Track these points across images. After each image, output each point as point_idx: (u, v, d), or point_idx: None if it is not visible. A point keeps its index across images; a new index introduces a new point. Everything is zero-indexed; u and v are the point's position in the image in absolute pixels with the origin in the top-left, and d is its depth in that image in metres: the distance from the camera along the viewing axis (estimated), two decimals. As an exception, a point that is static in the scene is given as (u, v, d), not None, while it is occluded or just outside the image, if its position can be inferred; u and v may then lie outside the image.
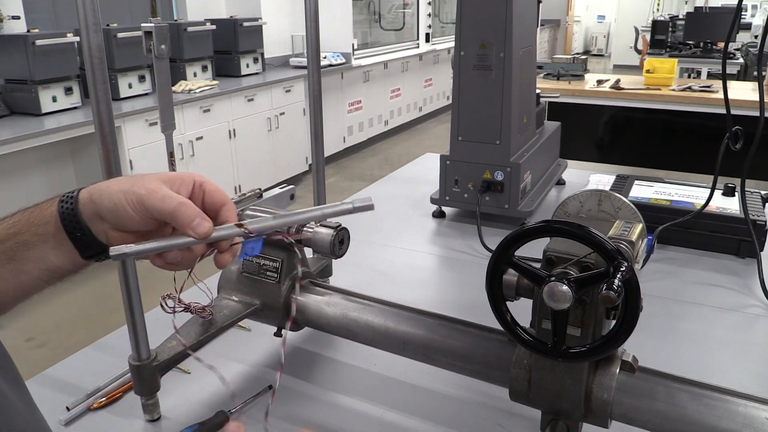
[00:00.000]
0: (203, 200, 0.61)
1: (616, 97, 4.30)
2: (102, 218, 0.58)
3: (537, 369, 0.77)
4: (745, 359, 1.12)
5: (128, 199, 0.57)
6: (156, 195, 0.57)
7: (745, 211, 1.37)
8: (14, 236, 0.59)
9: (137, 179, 0.59)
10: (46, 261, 0.60)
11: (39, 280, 0.61)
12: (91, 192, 0.59)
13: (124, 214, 0.57)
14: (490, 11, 1.57)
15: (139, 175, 0.60)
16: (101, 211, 0.58)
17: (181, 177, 0.60)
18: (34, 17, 4.29)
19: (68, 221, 0.58)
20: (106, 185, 0.59)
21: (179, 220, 0.57)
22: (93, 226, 0.59)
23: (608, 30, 15.30)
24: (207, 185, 0.61)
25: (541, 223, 0.70)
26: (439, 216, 1.78)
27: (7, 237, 0.59)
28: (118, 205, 0.57)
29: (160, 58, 0.86)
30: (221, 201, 0.61)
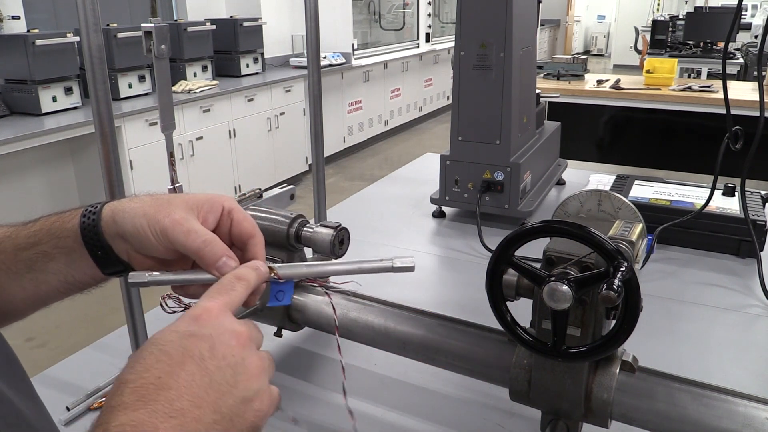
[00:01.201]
0: (231, 229, 0.58)
1: (616, 97, 4.30)
2: (124, 239, 0.56)
3: (537, 369, 0.77)
4: (745, 359, 1.12)
5: (151, 228, 0.54)
6: (181, 228, 0.54)
7: (745, 211, 1.37)
8: (35, 246, 0.58)
9: (163, 204, 0.56)
10: (66, 274, 0.58)
11: (57, 291, 0.60)
12: (114, 211, 0.57)
13: (146, 241, 0.55)
14: (490, 11, 1.57)
15: (166, 196, 0.57)
16: (123, 234, 0.56)
17: (210, 203, 0.57)
18: (34, 17, 4.29)
19: (89, 238, 0.57)
20: (130, 206, 0.56)
21: (204, 259, 0.54)
22: (115, 245, 0.57)
23: (608, 30, 15.31)
24: (236, 213, 0.58)
25: (541, 223, 0.70)
26: (439, 216, 1.78)
27: (27, 246, 0.58)
28: (140, 231, 0.55)
29: (160, 58, 0.86)
30: (249, 233, 0.58)
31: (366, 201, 1.96)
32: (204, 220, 0.57)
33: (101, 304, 3.39)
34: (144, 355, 0.45)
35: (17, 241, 0.58)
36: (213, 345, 0.47)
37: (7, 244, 0.58)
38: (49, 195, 4.08)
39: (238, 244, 0.58)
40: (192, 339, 0.47)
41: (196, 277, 0.55)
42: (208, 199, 0.57)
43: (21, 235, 0.58)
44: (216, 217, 0.57)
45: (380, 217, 1.81)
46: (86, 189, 4.23)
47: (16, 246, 0.58)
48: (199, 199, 0.57)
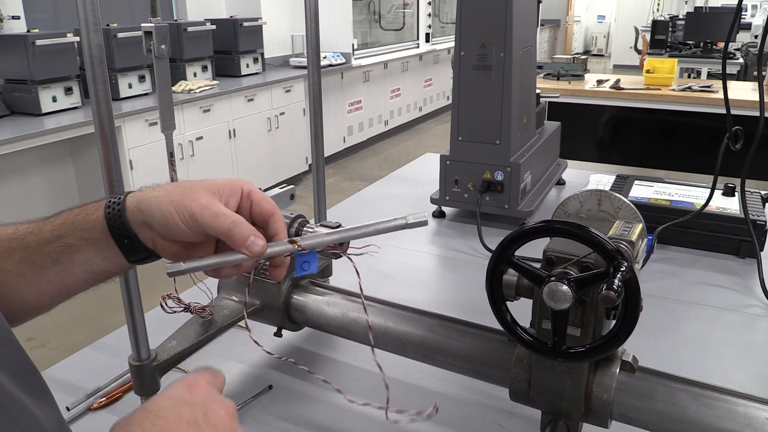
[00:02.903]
0: (251, 210, 0.60)
1: (616, 97, 4.30)
2: (150, 227, 0.58)
3: (537, 369, 0.77)
4: (745, 359, 1.12)
5: (180, 213, 0.56)
6: (209, 211, 0.56)
7: (745, 211, 1.37)
8: (59, 239, 0.59)
9: (186, 190, 0.58)
10: (92, 264, 0.60)
11: (83, 281, 0.61)
12: (138, 200, 0.58)
13: (174, 227, 0.57)
14: (490, 11, 1.57)
15: (186, 183, 0.59)
16: (150, 222, 0.57)
17: (230, 186, 0.60)
18: (34, 17, 4.29)
19: (116, 228, 0.58)
20: (155, 195, 0.58)
21: (233, 239, 0.56)
22: (140, 233, 0.59)
23: (608, 30, 15.30)
24: (254, 195, 0.61)
25: (541, 223, 0.70)
26: (439, 216, 1.78)
27: (52, 239, 0.59)
28: (168, 218, 0.56)
29: (160, 58, 0.86)
30: (269, 211, 0.61)
31: (366, 201, 1.96)
32: (226, 203, 0.58)
33: (101, 304, 3.39)
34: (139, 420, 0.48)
35: (41, 236, 0.59)
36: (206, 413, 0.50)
37: (31, 239, 0.59)
38: (49, 195, 4.07)
39: (260, 222, 0.60)
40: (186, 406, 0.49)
41: (228, 258, 0.57)
42: (228, 183, 0.59)
43: (44, 230, 0.60)
44: (237, 200, 0.59)
45: (380, 217, 1.80)
46: (86, 189, 4.22)
47: (40, 240, 0.59)
48: (220, 184, 0.59)
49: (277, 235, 0.61)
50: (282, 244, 0.59)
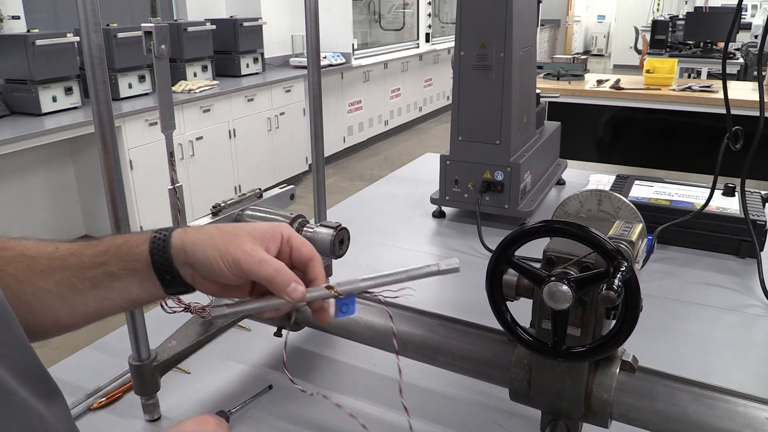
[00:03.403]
0: (291, 255, 0.63)
1: (616, 97, 4.30)
2: (193, 267, 0.60)
3: (537, 369, 0.77)
4: (745, 359, 1.12)
5: (224, 260, 0.59)
6: (253, 258, 0.59)
7: (745, 211, 1.37)
8: (101, 265, 0.61)
9: (230, 236, 0.60)
10: (130, 292, 0.62)
11: (119, 307, 0.63)
12: (184, 241, 0.61)
13: (218, 271, 0.59)
14: (490, 11, 1.57)
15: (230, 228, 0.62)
16: (194, 264, 0.60)
17: (271, 233, 0.62)
18: (34, 17, 4.29)
19: (159, 264, 0.60)
20: (200, 238, 0.60)
21: (275, 286, 0.59)
22: (182, 270, 0.61)
23: (608, 30, 15.30)
24: (294, 240, 0.63)
25: (541, 223, 0.70)
26: (439, 216, 1.78)
27: (94, 265, 0.61)
28: (213, 263, 0.59)
29: (160, 58, 0.86)
30: (309, 256, 0.63)
31: (366, 201, 1.96)
32: (267, 249, 0.61)
33: (101, 304, 3.39)
34: None
35: (83, 260, 0.61)
36: None
37: (72, 261, 0.61)
38: (49, 195, 4.07)
39: (299, 266, 0.62)
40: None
41: (269, 303, 0.60)
42: (270, 228, 0.62)
43: (86, 254, 0.62)
44: (277, 245, 0.62)
45: (380, 217, 1.81)
46: (86, 189, 4.22)
47: (82, 264, 0.61)
48: (261, 229, 0.62)
49: (316, 280, 0.63)
50: (320, 290, 0.61)
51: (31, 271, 0.61)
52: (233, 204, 1.02)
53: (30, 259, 0.62)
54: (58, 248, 0.63)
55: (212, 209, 1.00)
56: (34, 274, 0.61)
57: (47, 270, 0.61)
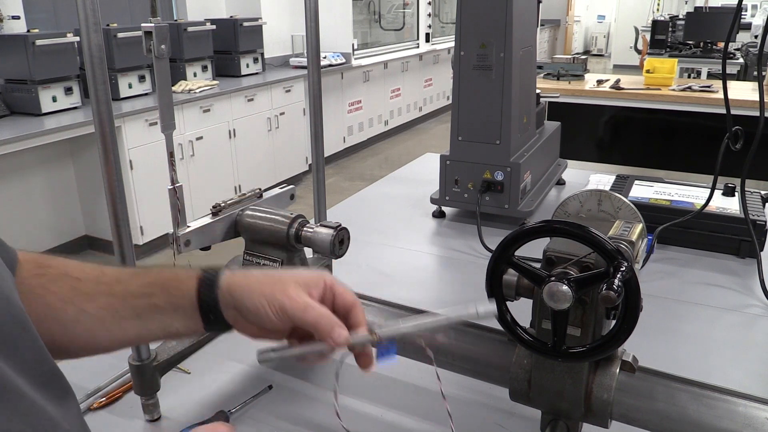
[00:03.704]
0: (333, 301, 0.64)
1: (616, 97, 4.30)
2: (238, 310, 0.63)
3: (537, 369, 0.77)
4: (745, 359, 1.12)
5: (271, 306, 0.61)
6: (298, 305, 0.61)
7: (745, 211, 1.37)
8: (147, 297, 0.63)
9: (276, 282, 0.63)
10: (171, 326, 0.64)
11: (157, 336, 0.66)
12: (231, 286, 0.63)
13: (264, 317, 0.61)
14: (490, 11, 1.57)
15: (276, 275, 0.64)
16: (240, 308, 0.62)
17: (315, 280, 0.64)
18: (34, 17, 4.29)
19: (205, 305, 0.63)
20: (247, 284, 0.63)
21: (319, 331, 0.61)
22: (226, 312, 0.63)
23: (608, 30, 15.30)
24: (336, 287, 0.65)
25: (541, 223, 0.70)
26: (439, 216, 1.78)
27: (140, 295, 0.63)
28: (260, 309, 0.61)
29: (160, 58, 0.86)
30: (351, 302, 0.65)
31: (366, 201, 1.96)
32: (310, 295, 0.63)
33: (101, 304, 3.39)
34: None
35: (129, 288, 0.64)
36: None
37: (118, 288, 0.64)
38: (49, 195, 4.07)
39: (341, 312, 0.64)
40: None
41: (313, 348, 0.62)
42: (313, 276, 0.65)
43: (133, 283, 0.64)
44: (320, 292, 0.64)
45: (380, 217, 1.81)
46: (86, 189, 4.22)
47: (128, 293, 0.63)
48: (306, 277, 0.64)
49: (357, 326, 0.64)
50: (362, 335, 0.63)
51: (76, 292, 0.63)
52: (233, 204, 1.02)
53: (75, 281, 0.63)
54: (103, 272, 0.65)
55: (212, 209, 1.00)
56: (79, 296, 0.63)
57: (92, 294, 0.63)
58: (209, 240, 0.98)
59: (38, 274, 0.63)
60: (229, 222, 1.00)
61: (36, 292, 0.62)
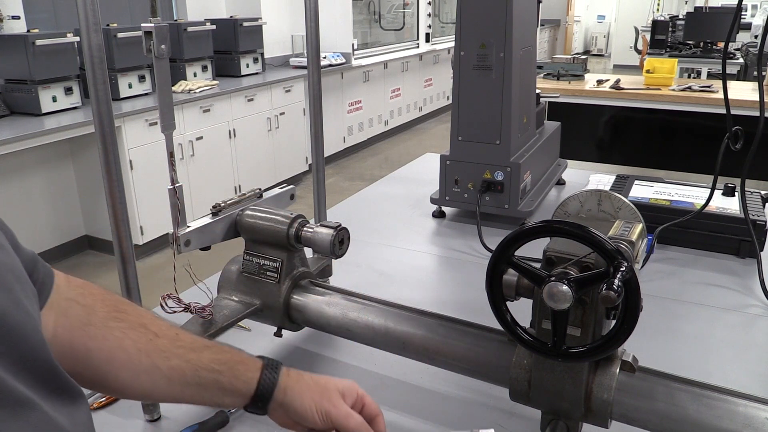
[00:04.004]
0: (362, 409, 0.75)
1: (616, 97, 4.29)
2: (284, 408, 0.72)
3: (537, 369, 0.77)
4: (745, 359, 1.12)
5: (318, 411, 0.71)
6: (341, 413, 0.72)
7: (745, 211, 1.37)
8: (216, 373, 0.70)
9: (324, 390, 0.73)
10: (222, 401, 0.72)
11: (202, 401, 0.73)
12: (286, 389, 0.72)
13: (311, 419, 0.71)
14: (490, 11, 1.57)
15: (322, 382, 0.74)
16: (287, 407, 0.72)
17: (350, 390, 0.75)
18: (34, 17, 4.29)
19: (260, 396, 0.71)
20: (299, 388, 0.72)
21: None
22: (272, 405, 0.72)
23: (608, 30, 15.29)
24: (366, 398, 0.76)
25: (541, 223, 0.70)
26: (439, 216, 1.78)
27: (209, 370, 0.70)
28: (308, 412, 0.71)
29: (160, 58, 0.86)
30: (376, 412, 0.76)
31: (366, 201, 1.96)
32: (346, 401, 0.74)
33: (101, 304, 3.38)
34: None
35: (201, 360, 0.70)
36: None
37: (192, 357, 0.70)
38: (49, 195, 4.07)
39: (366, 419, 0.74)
40: None
41: None
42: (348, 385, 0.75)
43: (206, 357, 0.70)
44: (353, 399, 0.75)
45: (380, 217, 1.81)
46: (86, 189, 4.22)
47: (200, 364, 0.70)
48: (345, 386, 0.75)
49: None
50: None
51: (153, 347, 0.69)
52: (233, 204, 1.02)
53: (153, 335, 0.69)
54: (179, 336, 0.71)
55: (212, 209, 1.00)
56: (155, 352, 0.68)
57: (168, 353, 0.69)
58: (209, 240, 0.99)
59: (117, 318, 0.68)
60: (229, 222, 1.00)
61: (114, 335, 0.67)
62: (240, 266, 1.01)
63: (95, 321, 0.67)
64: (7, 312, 0.51)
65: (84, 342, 0.66)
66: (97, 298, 0.69)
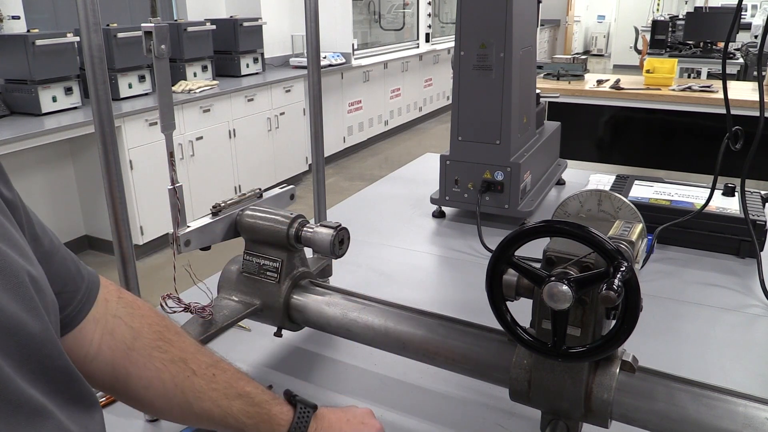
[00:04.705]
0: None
1: (616, 97, 4.29)
2: None
3: (537, 369, 0.77)
4: (745, 359, 1.12)
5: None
6: None
7: (745, 211, 1.37)
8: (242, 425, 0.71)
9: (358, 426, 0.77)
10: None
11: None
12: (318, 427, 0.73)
13: None
14: (490, 11, 1.57)
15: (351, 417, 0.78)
16: None
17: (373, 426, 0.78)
18: (34, 17, 4.29)
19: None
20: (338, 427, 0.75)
21: None
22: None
23: (608, 30, 15.29)
24: None
25: (541, 223, 0.70)
26: (439, 216, 1.78)
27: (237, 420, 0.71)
28: None
29: (160, 58, 0.86)
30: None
31: (366, 201, 1.96)
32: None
33: (101, 304, 3.38)
34: None
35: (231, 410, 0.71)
36: None
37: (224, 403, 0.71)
38: (49, 195, 4.07)
39: None
40: None
41: None
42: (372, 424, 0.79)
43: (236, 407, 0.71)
44: None
45: (380, 217, 1.81)
46: (86, 189, 4.22)
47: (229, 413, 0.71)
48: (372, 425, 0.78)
49: None
50: None
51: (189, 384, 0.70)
52: (233, 204, 1.02)
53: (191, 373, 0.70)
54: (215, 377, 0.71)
55: (212, 209, 1.00)
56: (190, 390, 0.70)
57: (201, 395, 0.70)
58: (209, 240, 0.99)
59: (160, 348, 0.70)
60: (229, 222, 1.00)
61: (155, 365, 0.69)
62: (240, 266, 1.01)
63: (139, 347, 0.69)
64: (25, 321, 0.51)
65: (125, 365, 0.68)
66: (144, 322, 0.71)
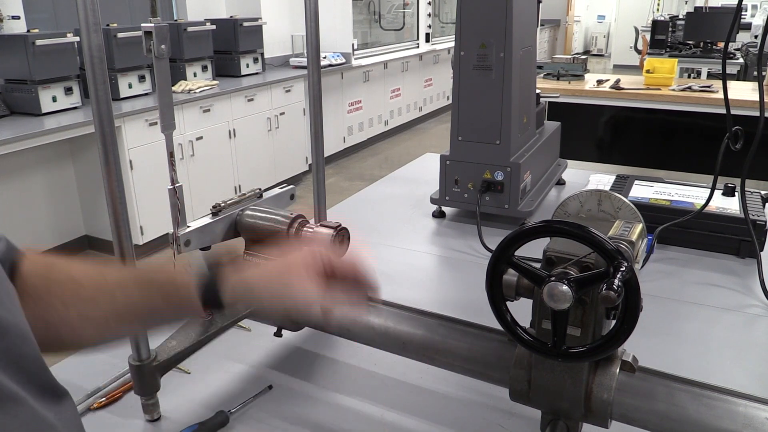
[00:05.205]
0: None
1: (616, 97, 4.29)
2: None
3: (537, 369, 0.77)
4: (745, 359, 1.12)
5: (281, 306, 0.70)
6: None
7: (745, 211, 1.37)
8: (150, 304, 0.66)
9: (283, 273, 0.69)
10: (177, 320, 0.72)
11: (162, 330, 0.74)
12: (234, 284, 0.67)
13: None
14: (490, 11, 1.56)
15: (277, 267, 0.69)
16: None
17: None
18: (34, 17, 4.29)
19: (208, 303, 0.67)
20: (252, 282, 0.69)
21: None
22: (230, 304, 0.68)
23: (608, 30, 15.29)
24: None
25: (541, 223, 0.70)
26: (439, 216, 1.78)
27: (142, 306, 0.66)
28: None
29: (160, 58, 0.86)
30: None
31: (366, 201, 1.96)
32: None
33: (101, 304, 3.38)
34: None
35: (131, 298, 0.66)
36: None
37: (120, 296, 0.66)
38: (49, 195, 4.07)
39: None
40: None
41: None
42: None
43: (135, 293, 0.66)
44: None
45: (380, 217, 1.81)
46: (86, 189, 4.22)
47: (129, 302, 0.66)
48: None
49: None
50: None
51: (78, 298, 0.64)
52: (233, 204, 1.02)
53: (77, 285, 0.65)
54: (105, 278, 0.66)
55: (212, 209, 1.00)
56: (81, 302, 0.64)
57: (94, 300, 0.65)
58: (209, 240, 0.99)
59: (42, 275, 0.65)
60: (229, 222, 1.00)
61: (39, 293, 0.63)
62: (240, 266, 1.01)
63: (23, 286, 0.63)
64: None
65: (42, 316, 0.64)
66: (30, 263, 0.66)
